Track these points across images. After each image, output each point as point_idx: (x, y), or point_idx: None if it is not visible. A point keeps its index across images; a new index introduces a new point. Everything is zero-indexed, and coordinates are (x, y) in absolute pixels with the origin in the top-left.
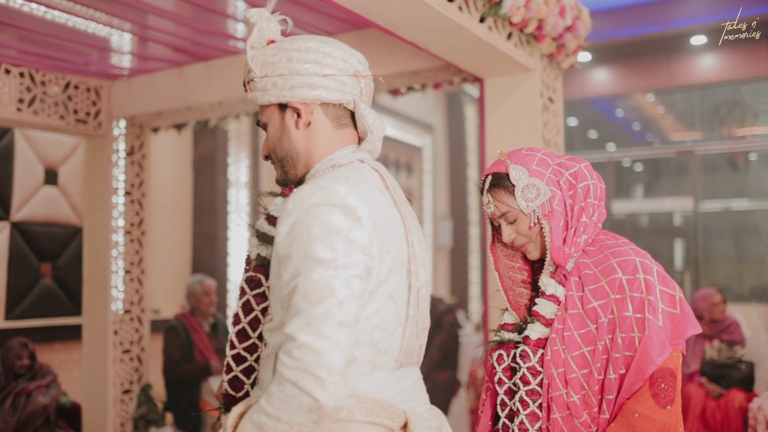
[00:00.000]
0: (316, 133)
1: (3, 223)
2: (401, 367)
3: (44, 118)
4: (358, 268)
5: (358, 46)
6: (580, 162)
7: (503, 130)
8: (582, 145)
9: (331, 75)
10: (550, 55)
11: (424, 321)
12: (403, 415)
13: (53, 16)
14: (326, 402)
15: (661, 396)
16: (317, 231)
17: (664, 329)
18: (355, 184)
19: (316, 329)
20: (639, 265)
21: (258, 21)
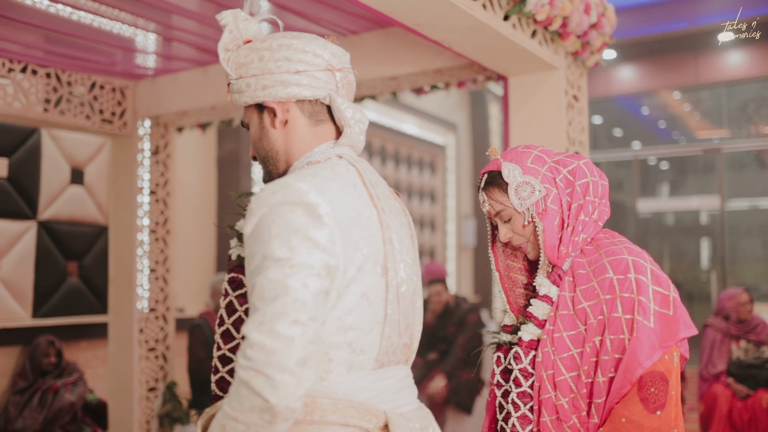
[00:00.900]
0: (294, 131)
1: (30, 222)
2: (382, 366)
3: (70, 118)
4: (315, 267)
5: (382, 45)
6: (579, 159)
7: (527, 129)
8: (607, 143)
9: (302, 71)
10: (575, 53)
11: (408, 319)
12: (383, 415)
13: (79, 17)
14: (276, 402)
15: (651, 401)
16: (276, 230)
17: (654, 331)
18: (320, 182)
19: (268, 328)
20: (631, 264)
21: (228, 23)
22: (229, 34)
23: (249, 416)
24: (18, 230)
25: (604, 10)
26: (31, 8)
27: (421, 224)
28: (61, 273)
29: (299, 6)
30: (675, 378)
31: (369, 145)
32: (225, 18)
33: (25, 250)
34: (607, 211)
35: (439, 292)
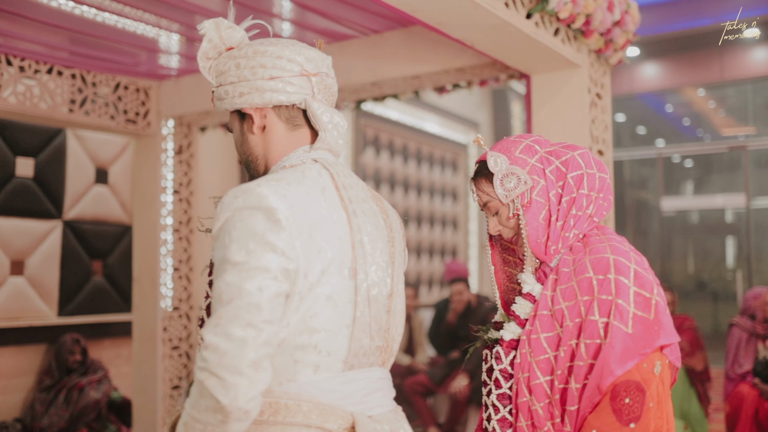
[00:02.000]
0: (271, 136)
1: (56, 221)
2: (352, 368)
3: (95, 118)
4: (272, 271)
5: (404, 44)
6: (574, 149)
7: (550, 127)
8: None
9: (277, 77)
10: (598, 51)
11: (381, 321)
12: (351, 417)
13: (103, 18)
14: (227, 403)
15: (624, 412)
16: (236, 233)
17: (632, 336)
18: (282, 186)
19: (222, 330)
20: (612, 264)
21: (208, 32)
22: (209, 43)
23: (204, 416)
24: (44, 229)
25: (627, 8)
26: (56, 10)
27: (443, 223)
28: (85, 272)
29: (321, 6)
30: (655, 388)
31: (391, 143)
32: (204, 27)
33: (50, 249)
34: (607, 206)
35: (460, 291)
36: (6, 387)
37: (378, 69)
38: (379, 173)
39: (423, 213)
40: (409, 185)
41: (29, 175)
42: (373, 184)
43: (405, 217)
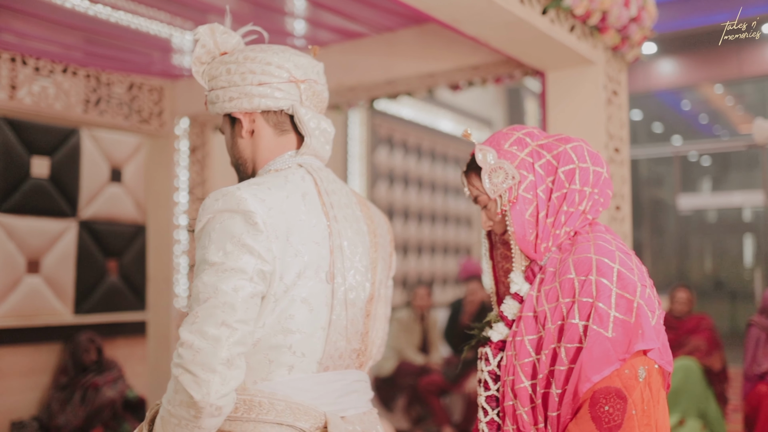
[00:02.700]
0: (259, 140)
1: (71, 221)
2: (327, 370)
3: (109, 118)
4: (248, 272)
5: (418, 42)
6: (568, 142)
7: (566, 125)
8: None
9: (266, 83)
10: (614, 47)
11: (358, 325)
12: (323, 417)
13: (117, 18)
14: (200, 399)
15: (604, 420)
16: (215, 235)
17: (612, 341)
18: (262, 190)
19: (197, 328)
20: (594, 264)
21: (201, 37)
22: (202, 48)
23: (179, 410)
24: (59, 229)
25: (644, 4)
26: (71, 11)
27: (457, 222)
28: (100, 271)
29: (335, 4)
30: (639, 395)
31: (404, 142)
32: (198, 33)
33: (66, 248)
34: (604, 202)
35: (474, 290)
36: (23, 385)
37: (392, 67)
38: (392, 172)
39: (437, 212)
40: (422, 184)
41: (45, 175)
42: (387, 182)
43: (419, 216)
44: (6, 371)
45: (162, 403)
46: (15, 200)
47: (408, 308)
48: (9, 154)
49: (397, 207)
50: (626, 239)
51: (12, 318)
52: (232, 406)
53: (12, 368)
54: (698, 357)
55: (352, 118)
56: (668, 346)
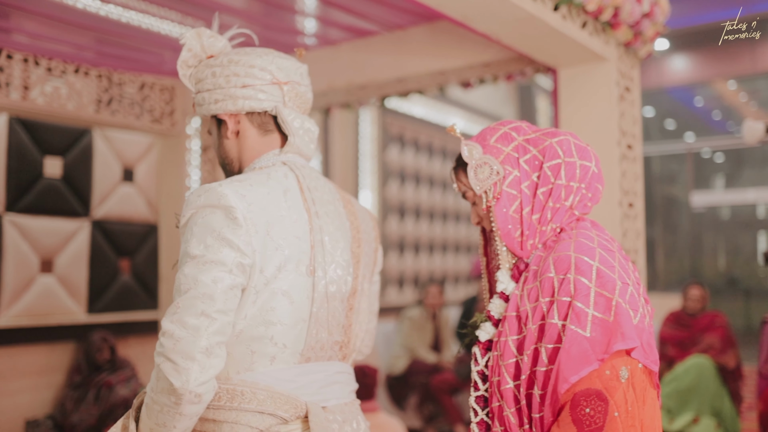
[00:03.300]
0: (244, 141)
1: (84, 220)
2: (308, 361)
3: (121, 117)
4: (227, 264)
5: (429, 40)
6: (554, 136)
7: (578, 121)
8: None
9: (249, 85)
10: (627, 43)
11: (339, 318)
12: (305, 406)
13: (128, 18)
14: (179, 386)
15: (585, 422)
16: (197, 229)
17: (591, 340)
18: (244, 186)
19: (178, 318)
20: (573, 262)
21: (188, 41)
22: (188, 52)
23: (160, 397)
24: (72, 228)
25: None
26: (82, 11)
27: (468, 220)
28: (113, 270)
29: (346, 2)
30: (622, 396)
31: (416, 140)
32: (185, 37)
33: (79, 248)
34: (592, 197)
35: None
36: (37, 384)
37: (403, 65)
38: (403, 170)
39: (448, 210)
40: (434, 182)
41: (57, 175)
42: (398, 181)
43: (430, 214)
44: (21, 370)
45: (146, 390)
46: (28, 200)
47: (420, 307)
48: (22, 154)
49: (408, 205)
50: (639, 236)
51: (26, 317)
52: (212, 394)
53: (26, 367)
54: (712, 355)
55: (363, 116)
56: (653, 345)
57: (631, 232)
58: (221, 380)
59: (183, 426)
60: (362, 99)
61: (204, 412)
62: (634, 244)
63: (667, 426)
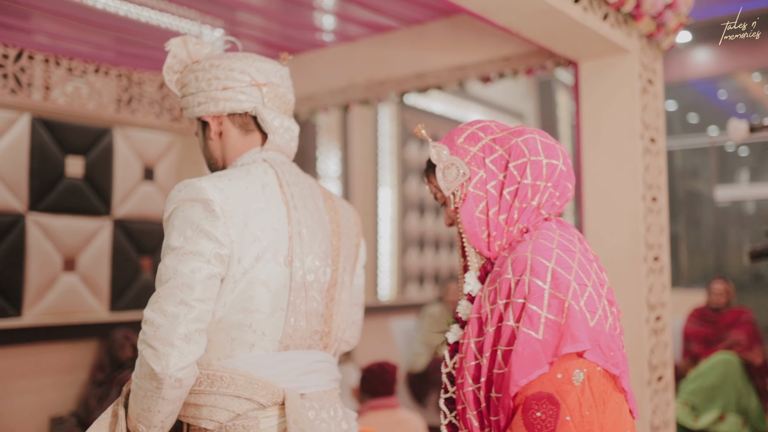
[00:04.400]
0: (227, 140)
1: (106, 220)
2: (287, 349)
3: (141, 116)
4: (205, 255)
5: (448, 34)
6: (521, 135)
7: (600, 115)
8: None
9: (229, 87)
10: (649, 35)
11: (319, 307)
12: (282, 392)
13: (147, 18)
14: (160, 371)
15: (536, 426)
16: (177, 222)
17: (542, 343)
18: (223, 181)
19: (158, 306)
20: (529, 264)
21: (173, 48)
22: (173, 58)
23: (143, 382)
24: (94, 227)
25: None
26: (102, 11)
27: None
28: (134, 269)
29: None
30: (575, 400)
31: (435, 136)
32: (170, 44)
33: (101, 246)
34: (560, 196)
35: None
36: (61, 382)
37: (422, 60)
38: (423, 167)
39: None
40: None
41: (79, 175)
42: (418, 177)
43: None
44: (45, 368)
45: (132, 377)
46: (51, 200)
47: (440, 303)
48: (44, 154)
49: (428, 202)
50: (663, 231)
51: (50, 315)
52: (193, 380)
53: (51, 365)
54: (738, 351)
55: (382, 113)
56: (615, 347)
57: (654, 227)
58: (203, 366)
59: (167, 410)
60: (381, 95)
61: (187, 397)
62: (658, 239)
63: (692, 423)
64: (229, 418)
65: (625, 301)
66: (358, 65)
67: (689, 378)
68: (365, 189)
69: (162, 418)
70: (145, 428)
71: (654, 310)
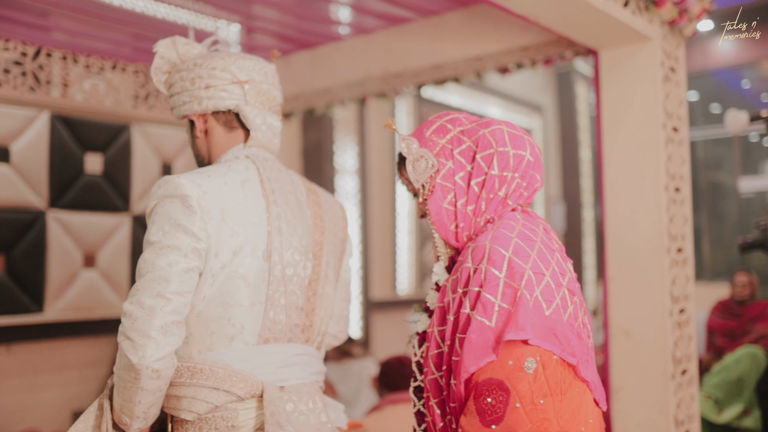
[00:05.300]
0: (212, 138)
1: (125, 215)
2: (267, 342)
3: (158, 113)
4: (182, 249)
5: (465, 25)
6: (488, 126)
7: (621, 104)
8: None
9: (212, 86)
10: (671, 22)
11: (299, 301)
12: (261, 385)
13: (164, 14)
14: (137, 362)
15: (487, 413)
16: (157, 218)
17: (494, 330)
18: (202, 177)
19: (136, 299)
20: (487, 252)
21: (160, 49)
22: (161, 60)
23: (123, 374)
24: (113, 224)
25: None
26: (118, 8)
27: None
28: None
29: None
30: (527, 387)
31: None
32: (158, 45)
33: (120, 242)
34: (528, 186)
35: None
36: (82, 377)
37: (439, 51)
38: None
39: None
40: None
41: (98, 171)
42: None
43: None
44: (67, 363)
45: (114, 369)
46: (70, 196)
47: None
48: (64, 151)
49: None
50: (687, 222)
51: (71, 311)
52: (171, 371)
53: (73, 360)
54: (764, 345)
55: (399, 106)
56: (573, 336)
57: (678, 218)
58: (184, 359)
59: (147, 401)
60: (398, 87)
61: (169, 389)
62: (681, 230)
63: (715, 418)
64: (208, 409)
65: (648, 294)
66: (374, 58)
67: (713, 371)
68: (383, 183)
69: (144, 409)
70: (128, 419)
71: (678, 303)
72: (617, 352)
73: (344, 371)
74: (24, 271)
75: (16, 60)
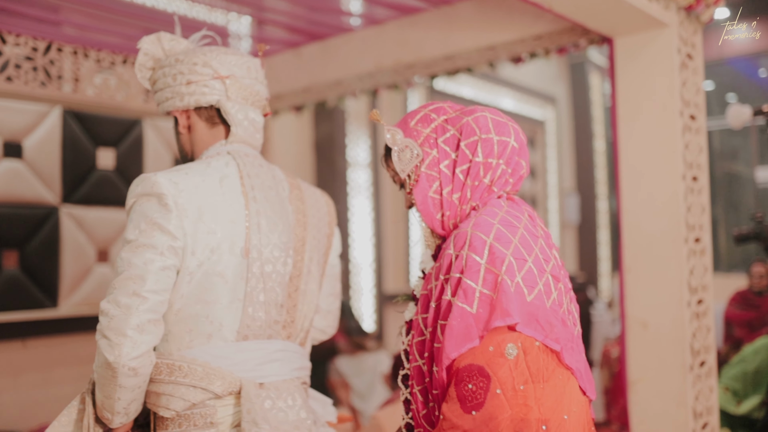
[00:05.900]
0: (195, 134)
1: None
2: (246, 339)
3: None
4: (158, 248)
5: (477, 14)
6: (472, 113)
7: (636, 92)
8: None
9: (193, 82)
10: (688, 7)
11: (279, 298)
12: (239, 382)
13: (174, 8)
14: (113, 360)
15: (468, 399)
16: (134, 216)
17: (475, 317)
18: (180, 175)
19: (112, 298)
20: (469, 239)
21: (144, 46)
22: (144, 56)
23: (101, 371)
24: (125, 218)
25: None
26: (128, 2)
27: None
28: None
29: None
30: (508, 374)
31: None
32: (142, 42)
33: None
34: (513, 172)
35: None
36: None
37: (451, 41)
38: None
39: None
40: None
41: (110, 166)
42: None
43: None
44: (82, 358)
45: (94, 367)
46: (83, 192)
47: None
48: (76, 146)
49: None
50: (704, 211)
51: (85, 306)
52: (149, 368)
53: (87, 355)
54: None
55: (411, 99)
56: (556, 323)
57: (695, 207)
58: (164, 356)
59: (127, 397)
60: (410, 78)
61: (149, 385)
62: (699, 219)
63: (733, 409)
64: (186, 407)
65: (665, 285)
66: (386, 49)
67: (732, 363)
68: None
69: (124, 405)
70: (109, 414)
71: (695, 293)
72: (634, 344)
73: (358, 365)
74: (38, 266)
75: (27, 55)
